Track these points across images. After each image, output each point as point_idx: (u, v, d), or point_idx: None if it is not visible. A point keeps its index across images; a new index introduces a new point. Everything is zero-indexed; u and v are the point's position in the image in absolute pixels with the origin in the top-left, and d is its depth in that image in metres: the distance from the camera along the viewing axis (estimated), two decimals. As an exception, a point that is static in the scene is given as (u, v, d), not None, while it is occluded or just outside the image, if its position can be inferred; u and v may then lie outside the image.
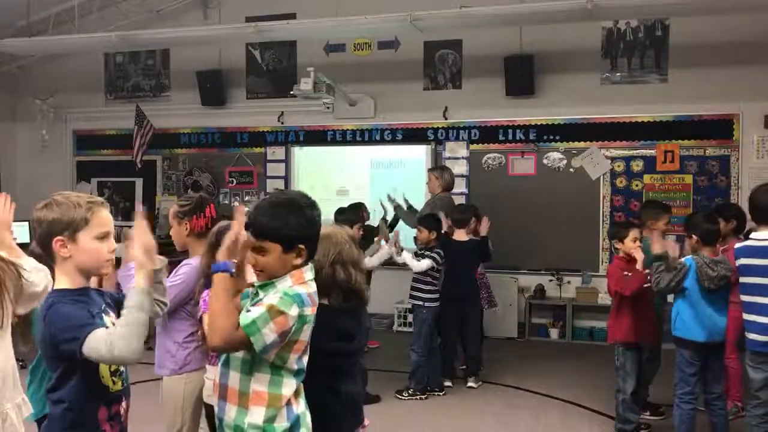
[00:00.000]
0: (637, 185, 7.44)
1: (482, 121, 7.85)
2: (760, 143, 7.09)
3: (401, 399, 5.31)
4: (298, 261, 2.04)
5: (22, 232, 2.11)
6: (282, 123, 8.52)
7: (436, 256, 5.36)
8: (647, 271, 4.06)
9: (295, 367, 2.07)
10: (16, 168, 9.50)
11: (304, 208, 2.08)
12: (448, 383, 5.61)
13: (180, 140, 8.95)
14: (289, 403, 2.06)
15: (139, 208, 2.18)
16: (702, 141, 7.22)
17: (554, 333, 7.44)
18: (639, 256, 4.15)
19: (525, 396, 5.47)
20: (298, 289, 2.01)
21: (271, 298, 1.98)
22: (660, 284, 3.93)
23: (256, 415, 2.02)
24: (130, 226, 2.23)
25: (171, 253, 3.19)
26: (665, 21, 7.26)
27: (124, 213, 9.20)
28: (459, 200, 7.56)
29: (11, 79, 9.48)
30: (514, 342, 7.34)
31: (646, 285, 4.09)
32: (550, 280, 7.57)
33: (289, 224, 2.03)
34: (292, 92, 7.06)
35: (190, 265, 3.03)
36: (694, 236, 3.96)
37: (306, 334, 2.05)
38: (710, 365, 3.96)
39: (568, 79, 7.55)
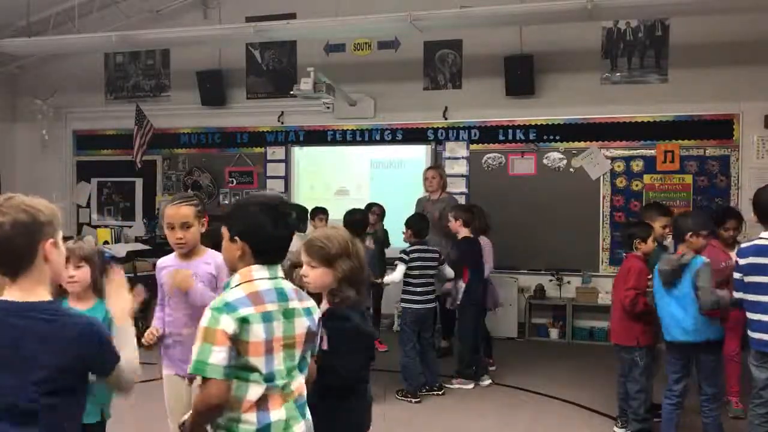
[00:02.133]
0: (637, 185, 7.44)
1: (482, 121, 7.85)
2: (760, 143, 7.09)
3: (401, 399, 5.31)
4: (238, 253, 2.11)
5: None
6: (282, 123, 8.52)
7: (403, 256, 5.38)
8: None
9: (263, 370, 2.02)
10: (16, 168, 9.50)
11: (261, 211, 2.11)
12: (469, 386, 5.59)
13: (180, 140, 8.95)
14: (262, 408, 2.03)
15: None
16: (702, 141, 7.22)
17: (554, 333, 7.44)
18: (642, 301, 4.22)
19: (525, 396, 5.47)
20: (228, 296, 2.03)
21: (203, 321, 2.02)
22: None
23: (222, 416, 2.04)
24: (130, 226, 2.26)
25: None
26: (665, 21, 7.26)
27: (124, 213, 9.22)
28: (459, 200, 7.56)
29: (11, 79, 9.49)
30: (514, 342, 7.34)
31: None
32: (550, 280, 7.57)
33: (236, 217, 2.15)
34: (292, 92, 7.06)
35: (210, 264, 3.05)
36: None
37: (257, 334, 2.01)
38: (700, 366, 3.95)
39: (568, 79, 7.54)
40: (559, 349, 7.13)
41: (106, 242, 7.85)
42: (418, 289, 5.38)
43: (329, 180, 8.47)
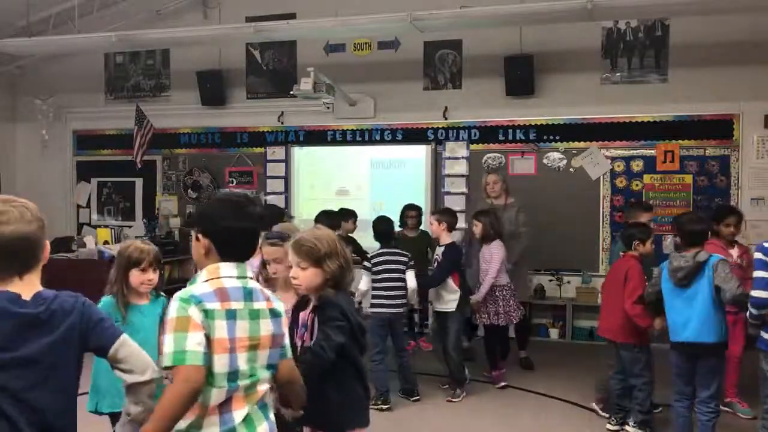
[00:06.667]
0: (637, 185, 7.44)
1: (482, 121, 7.85)
2: (760, 143, 7.10)
3: (398, 399, 5.29)
4: (202, 250, 2.09)
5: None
6: (282, 123, 8.51)
7: (366, 264, 5.27)
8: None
9: (227, 368, 1.98)
10: (16, 168, 9.50)
11: (220, 205, 2.13)
12: (464, 392, 5.44)
13: (180, 140, 8.95)
14: (225, 410, 1.99)
15: None
16: (702, 141, 7.22)
17: (554, 333, 7.44)
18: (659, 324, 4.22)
19: (525, 396, 5.48)
20: (195, 289, 1.99)
21: (170, 312, 1.96)
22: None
23: (183, 420, 1.96)
24: (130, 226, 2.28)
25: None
26: (665, 21, 7.26)
27: (124, 213, 9.22)
28: (459, 200, 7.59)
29: (11, 79, 9.48)
30: (515, 342, 7.32)
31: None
32: (550, 280, 7.57)
33: (198, 214, 2.21)
34: (292, 92, 7.05)
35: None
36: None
37: (221, 332, 1.96)
38: (698, 368, 3.92)
39: (568, 79, 7.54)
40: (559, 349, 7.13)
41: (106, 242, 7.84)
42: (383, 293, 5.21)
43: (329, 180, 8.47)
